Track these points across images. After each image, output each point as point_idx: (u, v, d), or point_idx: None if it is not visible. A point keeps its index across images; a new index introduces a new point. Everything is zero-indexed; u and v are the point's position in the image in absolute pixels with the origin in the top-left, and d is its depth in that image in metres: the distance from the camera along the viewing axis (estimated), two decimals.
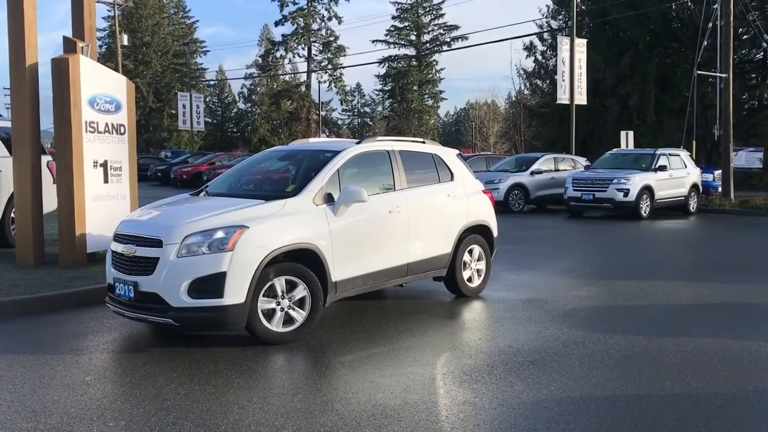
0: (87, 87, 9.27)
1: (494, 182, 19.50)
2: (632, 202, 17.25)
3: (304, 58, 63.18)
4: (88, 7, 10.05)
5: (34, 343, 6.14)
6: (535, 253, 11.79)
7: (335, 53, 62.75)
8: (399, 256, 7.09)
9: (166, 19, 68.74)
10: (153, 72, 65.21)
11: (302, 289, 6.13)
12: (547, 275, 9.61)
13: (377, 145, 7.37)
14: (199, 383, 5.01)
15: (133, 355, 5.86)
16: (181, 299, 5.67)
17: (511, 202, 19.51)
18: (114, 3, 44.71)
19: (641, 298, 7.99)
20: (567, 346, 5.99)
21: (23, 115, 9.18)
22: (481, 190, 8.35)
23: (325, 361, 5.68)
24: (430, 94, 69.82)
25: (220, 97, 76.72)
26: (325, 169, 6.65)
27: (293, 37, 61.71)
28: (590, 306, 7.57)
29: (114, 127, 9.74)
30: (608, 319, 6.96)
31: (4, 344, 6.14)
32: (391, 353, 5.83)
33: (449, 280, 7.89)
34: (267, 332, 5.96)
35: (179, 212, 6.40)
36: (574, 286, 8.70)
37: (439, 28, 68.07)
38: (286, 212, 6.18)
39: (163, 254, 5.77)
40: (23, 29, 9.08)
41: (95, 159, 9.44)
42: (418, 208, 7.32)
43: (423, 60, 67.83)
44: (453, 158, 8.14)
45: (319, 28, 62.43)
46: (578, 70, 24.98)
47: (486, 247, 8.22)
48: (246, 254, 5.76)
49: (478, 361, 5.56)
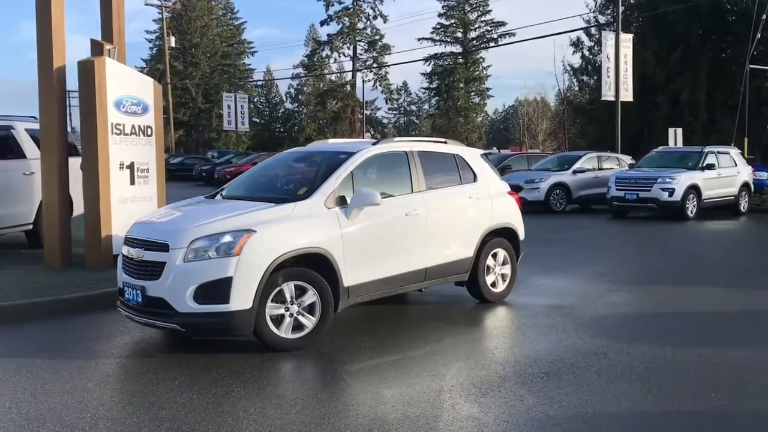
0: (113, 89, 9.29)
1: (534, 181, 19.09)
2: (678, 202, 16.64)
3: (349, 57, 63.24)
4: (116, 10, 10.09)
5: (47, 347, 6.12)
6: (570, 256, 11.42)
7: (380, 52, 62.64)
8: (416, 260, 6.88)
9: (214, 21, 69.67)
10: (202, 73, 66.15)
11: (312, 294, 5.97)
12: (579, 280, 9.27)
13: (394, 145, 7.17)
14: (198, 392, 4.90)
15: (140, 360, 5.80)
16: (187, 304, 5.58)
17: (552, 202, 19.05)
18: (162, 5, 45.44)
19: (674, 305, 7.62)
20: (587, 357, 5.70)
21: (51, 118, 9.26)
22: (506, 192, 8.07)
23: (331, 370, 5.52)
24: (477, 92, 69.10)
25: (268, 97, 77.47)
26: (338, 171, 6.48)
27: (338, 37, 61.83)
28: (619, 313, 7.23)
29: (141, 128, 9.74)
30: (635, 328, 6.62)
31: (17, 347, 6.16)
32: (401, 362, 5.62)
33: (472, 285, 7.64)
34: (275, 339, 5.82)
35: (189, 216, 6.31)
36: (605, 292, 8.34)
37: (486, 24, 67.37)
38: (295, 216, 6.03)
39: (169, 259, 5.68)
40: (50, 32, 9.15)
41: (121, 161, 9.45)
42: (437, 211, 7.09)
43: (469, 57, 67.20)
44: (476, 159, 7.88)
45: (364, 27, 62.40)
46: (624, 66, 24.30)
47: (511, 250, 7.94)
48: (253, 259, 5.63)
49: (490, 373, 5.31)
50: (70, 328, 6.78)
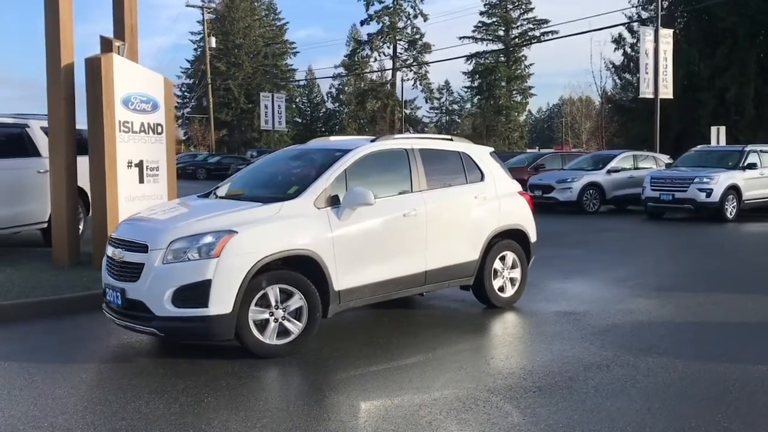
0: (121, 86, 9.15)
1: (567, 181, 18.53)
2: (716, 203, 15.91)
3: (389, 56, 62.99)
4: (128, 6, 9.97)
5: (29, 350, 5.97)
6: (595, 259, 10.93)
7: (420, 51, 62.27)
8: (415, 263, 6.54)
9: (257, 22, 70.21)
10: (244, 74, 66.69)
11: (298, 298, 5.69)
12: (599, 284, 8.80)
13: (394, 143, 6.85)
14: (166, 401, 4.65)
15: (119, 365, 5.59)
16: (165, 308, 5.35)
17: (585, 202, 18.45)
18: (203, 7, 45.86)
19: (697, 314, 7.13)
20: (588, 369, 5.30)
21: (59, 116, 9.19)
22: (516, 192, 7.67)
23: (311, 380, 5.24)
24: (519, 90, 68.26)
25: (309, 97, 77.85)
26: (330, 169, 6.19)
27: (378, 36, 61.65)
28: (633, 321, 6.78)
29: (150, 126, 9.59)
30: (648, 338, 6.17)
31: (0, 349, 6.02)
32: (387, 373, 5.30)
33: (478, 289, 7.28)
34: (259, 344, 5.56)
35: (173, 215, 6.09)
36: (623, 298, 7.88)
37: (529, 22, 66.46)
38: (282, 216, 5.76)
39: (148, 260, 5.46)
40: (58, 30, 9.07)
41: (130, 159, 9.32)
42: (438, 211, 6.75)
43: (511, 55, 66.35)
44: (485, 157, 7.51)
45: (404, 26, 62.13)
46: (663, 62, 23.47)
47: (521, 253, 7.55)
48: (233, 261, 5.37)
49: (479, 386, 4.95)
50: (59, 329, 6.63)
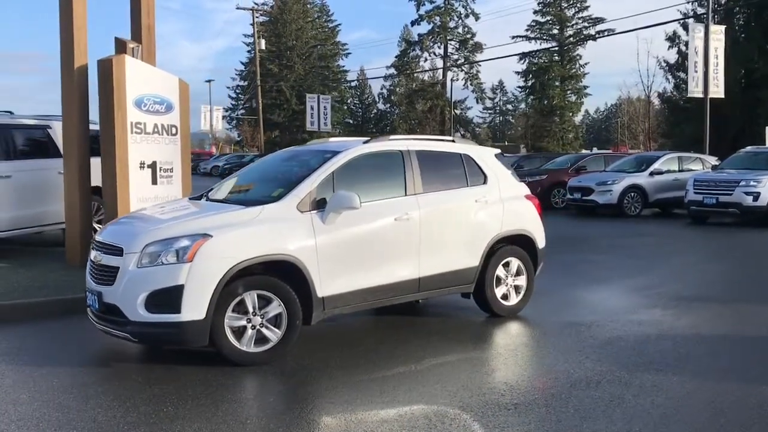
0: (133, 88, 9.16)
1: (607, 183, 17.92)
2: (763, 207, 15.10)
3: (440, 56, 62.54)
4: (145, 7, 9.98)
5: (14, 351, 5.93)
6: (621, 264, 10.45)
7: (472, 51, 61.61)
8: (407, 269, 6.30)
9: (309, 24, 70.67)
10: (296, 75, 67.23)
11: (277, 305, 5.52)
12: (616, 293, 8.38)
13: (388, 144, 6.61)
14: (126, 409, 4.53)
15: (95, 370, 5.52)
16: (138, 313, 5.24)
17: (626, 205, 17.80)
18: (253, 9, 46.36)
19: (712, 327, 6.68)
20: (575, 386, 4.97)
21: (72, 117, 9.26)
22: (523, 195, 7.35)
23: (282, 392, 5.07)
24: (573, 90, 66.82)
25: (361, 98, 78.03)
26: (317, 172, 5.99)
27: (429, 36, 61.28)
28: (639, 334, 6.38)
29: (164, 127, 9.58)
30: (650, 353, 5.78)
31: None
32: (362, 385, 5.07)
33: (479, 297, 6.98)
34: (235, 351, 5.40)
35: (152, 218, 5.99)
36: (637, 308, 7.47)
37: (584, 21, 65.02)
38: (261, 220, 5.59)
39: (123, 263, 5.37)
40: (72, 32, 9.14)
41: (142, 160, 9.31)
42: (433, 216, 6.49)
43: (566, 55, 65.05)
44: (488, 159, 7.20)
45: (455, 26, 61.57)
46: (714, 60, 22.50)
47: (527, 260, 7.21)
48: (207, 266, 5.23)
49: (453, 401, 4.68)
50: (50, 331, 6.62)
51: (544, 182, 20.53)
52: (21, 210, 10.00)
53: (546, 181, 20.57)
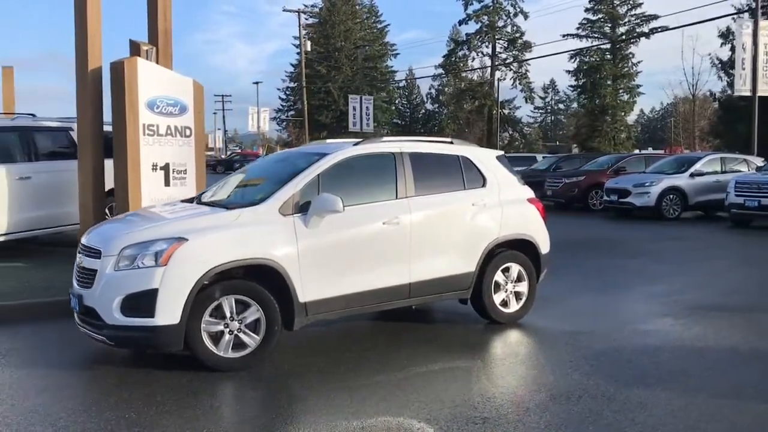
0: (145, 89, 9.20)
1: (644, 185, 17.35)
2: None
3: (488, 56, 61.87)
4: (162, 10, 10.04)
5: (2, 353, 5.97)
6: (644, 270, 10.04)
7: (520, 50, 60.74)
8: (396, 274, 6.13)
9: (357, 25, 70.79)
10: (344, 76, 67.44)
11: (255, 310, 5.43)
12: (629, 300, 8.03)
13: (380, 146, 6.45)
14: (89, 416, 4.48)
15: (74, 373, 5.50)
16: (114, 316, 5.22)
17: (665, 208, 17.20)
18: (299, 11, 46.70)
19: (722, 338, 6.31)
20: (554, 400, 4.74)
21: (86, 119, 9.36)
22: (525, 199, 7.10)
23: (249, 400, 4.95)
24: (626, 89, 65.30)
25: (409, 98, 77.88)
26: (302, 174, 5.88)
27: (477, 36, 60.67)
28: (640, 345, 6.07)
29: (178, 129, 9.61)
30: (645, 365, 5.48)
31: None
32: (335, 394, 4.92)
33: (476, 303, 6.77)
34: (212, 357, 5.33)
35: (134, 220, 5.97)
36: (647, 317, 7.13)
37: (636, 18, 63.49)
38: (240, 223, 5.51)
39: (100, 266, 5.36)
40: (86, 35, 9.23)
41: (155, 162, 9.35)
42: (426, 219, 6.31)
43: (618, 53, 63.62)
44: (489, 161, 6.97)
45: (504, 25, 60.80)
46: (763, 57, 21.56)
47: (529, 265, 6.96)
48: (181, 270, 5.17)
49: (421, 414, 4.50)
50: (44, 332, 6.65)
51: (581, 183, 20.03)
52: (41, 210, 10.18)
53: (584, 182, 20.05)
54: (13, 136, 10.15)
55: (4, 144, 9.99)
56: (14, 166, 9.92)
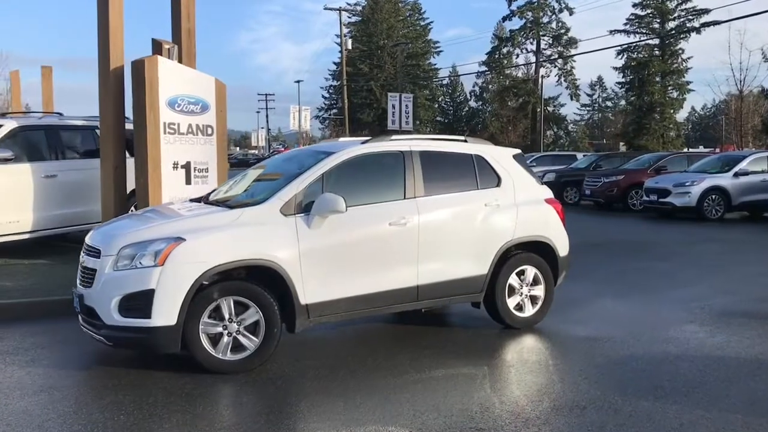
0: (166, 88, 9.20)
1: (685, 185, 16.79)
2: None
3: (533, 52, 61.05)
4: (186, 10, 10.05)
5: (9, 352, 5.97)
6: (677, 273, 9.65)
7: (566, 46, 59.78)
8: (403, 276, 5.96)
9: (400, 23, 70.58)
10: (386, 74, 67.31)
11: (254, 312, 5.33)
12: (653, 305, 7.69)
13: (388, 145, 6.28)
14: (77, 418, 4.45)
15: (71, 373, 5.44)
16: (112, 316, 5.18)
17: (706, 208, 16.61)
18: (340, 9, 46.72)
19: (745, 348, 5.96)
20: (557, 411, 4.52)
21: (108, 118, 9.41)
22: (543, 199, 6.84)
23: (242, 404, 4.84)
24: (675, 86, 63.69)
25: (453, 96, 77.37)
26: (306, 174, 5.76)
27: (521, 32, 59.91)
28: (657, 353, 5.79)
29: (199, 128, 9.60)
30: (660, 375, 5.20)
31: None
32: (327, 400, 4.80)
33: (490, 307, 6.56)
34: (210, 359, 5.25)
35: (137, 220, 5.92)
36: (669, 323, 6.81)
37: (687, 13, 61.84)
38: (240, 223, 5.41)
39: (100, 266, 5.32)
40: (108, 34, 9.28)
41: (175, 160, 9.35)
42: (435, 220, 6.13)
43: (667, 49, 62.08)
44: (505, 160, 6.74)
45: (548, 21, 59.91)
46: None
47: (546, 268, 6.71)
48: (178, 270, 5.10)
49: (413, 424, 4.33)
50: (52, 331, 6.59)
51: (621, 182, 19.49)
52: (67, 208, 10.27)
53: (623, 181, 19.50)
54: (40, 134, 10.27)
55: (31, 142, 10.12)
56: (41, 164, 10.04)
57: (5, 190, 9.56)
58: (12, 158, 9.56)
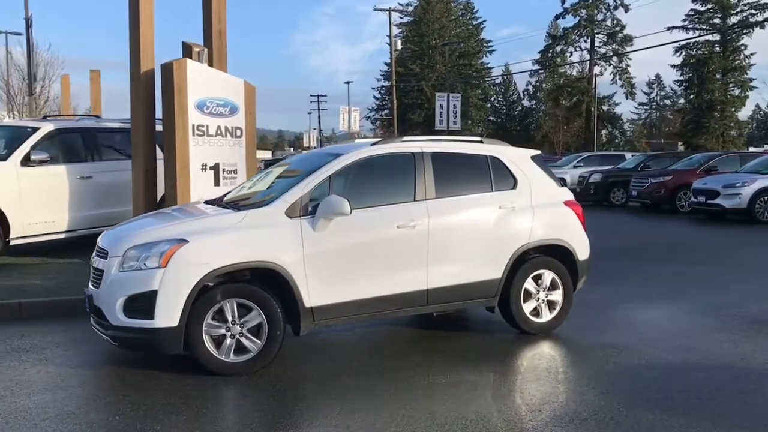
0: (195, 91, 9.31)
1: (735, 186, 16.17)
2: None
3: (586, 50, 59.93)
4: (217, 12, 10.15)
5: (26, 349, 6.09)
6: (712, 278, 9.28)
7: (621, 43, 58.46)
8: (412, 280, 5.87)
9: (452, 22, 70.19)
10: (437, 74, 67.04)
11: (257, 314, 5.32)
12: (680, 312, 7.40)
13: (399, 146, 6.19)
14: (73, 418, 4.49)
15: (78, 372, 5.47)
16: (117, 317, 5.24)
17: (758, 210, 15.95)
18: (389, 10, 46.72)
19: None
20: (555, 422, 4.36)
21: (138, 120, 9.56)
22: (561, 202, 6.65)
23: (239, 406, 4.83)
24: (737, 83, 61.64)
25: (505, 95, 76.58)
26: (312, 176, 5.72)
27: (575, 30, 58.86)
28: (674, 362, 5.55)
29: (228, 129, 9.69)
30: (670, 387, 4.98)
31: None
32: (323, 405, 4.76)
33: (504, 312, 6.41)
34: (213, 360, 5.26)
35: (146, 221, 5.97)
36: (693, 331, 6.54)
37: (750, 7, 59.77)
38: (243, 225, 5.41)
39: (107, 267, 5.39)
40: (139, 38, 9.44)
41: (204, 162, 9.46)
42: (445, 223, 6.01)
43: (728, 45, 60.12)
44: (522, 162, 6.58)
45: (603, 18, 58.69)
46: None
47: (564, 273, 6.52)
48: (181, 272, 5.12)
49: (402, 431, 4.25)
50: (69, 330, 6.72)
51: (668, 183, 18.90)
52: (101, 209, 10.49)
53: (671, 182, 18.91)
54: (76, 137, 10.52)
55: (67, 144, 10.38)
56: (76, 166, 10.29)
57: (42, 190, 9.82)
58: (47, 160, 9.81)
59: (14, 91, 27.65)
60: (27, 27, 21.57)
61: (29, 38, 21.86)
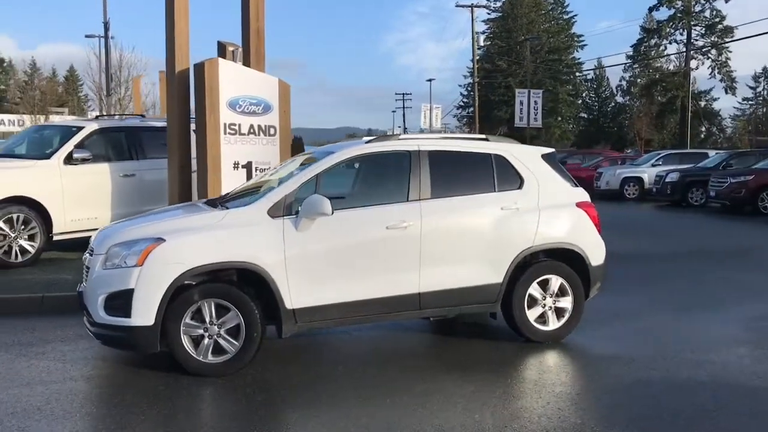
0: (227, 90, 9.36)
1: None
2: None
3: (682, 43, 57.17)
4: (254, 11, 10.18)
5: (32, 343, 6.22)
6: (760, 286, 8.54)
7: (720, 36, 55.44)
8: (403, 283, 5.64)
9: (541, 17, 68.65)
10: (524, 70, 65.74)
11: (234, 315, 5.24)
12: (708, 321, 6.84)
13: (393, 144, 5.96)
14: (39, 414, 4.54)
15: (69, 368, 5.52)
16: (99, 314, 5.28)
17: None
18: (472, 6, 46.13)
19: None
20: None
21: (173, 118, 9.71)
22: (573, 203, 6.24)
23: (206, 410, 4.75)
24: None
25: (597, 91, 74.20)
26: (299, 174, 5.60)
27: (670, 23, 56.28)
28: (680, 378, 5.09)
29: (261, 128, 9.70)
30: (667, 405, 4.56)
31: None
32: (292, 413, 4.62)
33: (508, 318, 6.08)
34: (191, 361, 5.22)
35: (135, 220, 5.98)
36: (714, 343, 6.00)
37: None
38: (223, 225, 5.33)
39: (92, 264, 5.44)
40: (174, 37, 9.58)
41: (236, 160, 9.50)
42: (439, 224, 5.75)
43: None
44: (531, 161, 6.21)
45: (701, 9, 55.83)
46: None
47: (574, 279, 6.12)
48: (156, 271, 5.10)
49: None
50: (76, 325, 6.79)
51: (749, 183, 17.65)
52: (143, 206, 10.68)
53: (752, 182, 17.64)
54: (120, 135, 10.81)
55: (111, 143, 10.68)
56: (120, 164, 10.56)
57: (85, 188, 10.14)
58: (90, 158, 10.12)
59: (103, 92, 29.02)
60: (105, 30, 22.57)
61: (107, 41, 22.86)
